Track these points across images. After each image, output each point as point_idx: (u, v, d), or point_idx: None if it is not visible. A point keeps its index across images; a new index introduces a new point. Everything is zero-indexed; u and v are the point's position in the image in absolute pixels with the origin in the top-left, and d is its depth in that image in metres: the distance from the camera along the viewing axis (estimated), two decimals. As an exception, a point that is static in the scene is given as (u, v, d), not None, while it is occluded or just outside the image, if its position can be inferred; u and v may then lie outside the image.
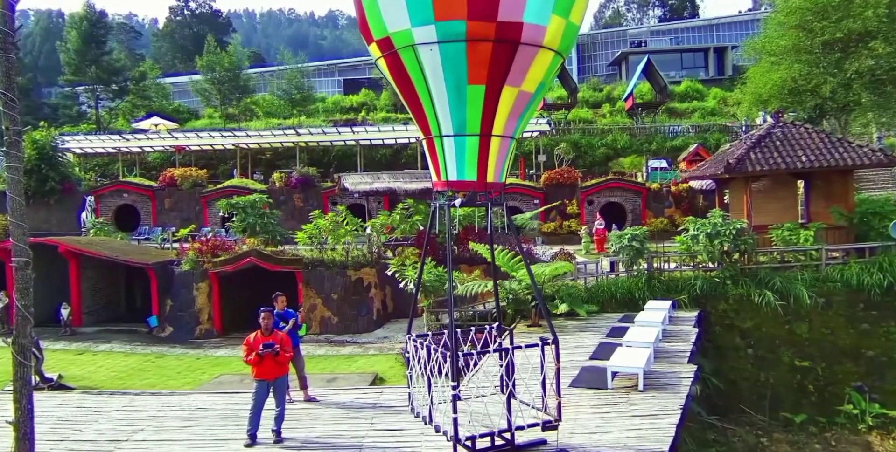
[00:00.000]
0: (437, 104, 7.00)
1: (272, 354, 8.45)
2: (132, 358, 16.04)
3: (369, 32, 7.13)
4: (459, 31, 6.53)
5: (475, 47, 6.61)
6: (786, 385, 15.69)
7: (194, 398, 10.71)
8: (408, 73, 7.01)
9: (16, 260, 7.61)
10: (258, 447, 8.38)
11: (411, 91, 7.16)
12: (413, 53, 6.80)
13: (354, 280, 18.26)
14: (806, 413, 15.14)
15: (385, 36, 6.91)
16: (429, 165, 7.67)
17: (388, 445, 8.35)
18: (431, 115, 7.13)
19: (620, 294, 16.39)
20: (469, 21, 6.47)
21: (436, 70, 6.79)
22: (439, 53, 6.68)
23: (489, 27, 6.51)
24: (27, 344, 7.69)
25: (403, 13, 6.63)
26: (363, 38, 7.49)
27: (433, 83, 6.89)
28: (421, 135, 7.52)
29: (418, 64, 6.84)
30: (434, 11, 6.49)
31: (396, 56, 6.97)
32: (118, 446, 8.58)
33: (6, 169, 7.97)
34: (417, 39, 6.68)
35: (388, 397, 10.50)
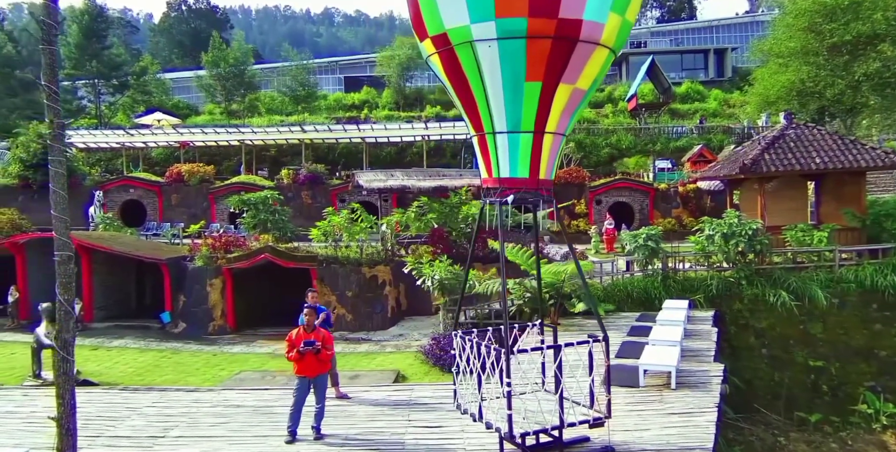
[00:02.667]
0: (492, 101, 7.00)
1: (313, 351, 8.43)
2: (147, 354, 15.91)
3: (424, 29, 7.12)
4: (520, 27, 6.53)
5: (534, 44, 6.62)
6: (800, 385, 15.85)
7: (223, 394, 10.67)
8: (463, 69, 7.01)
9: (58, 255, 7.54)
10: (299, 444, 8.37)
11: (465, 88, 7.16)
12: (470, 50, 6.80)
13: (369, 277, 18.22)
14: (820, 412, 15.30)
15: (441, 32, 6.91)
16: (478, 162, 7.67)
17: (430, 442, 8.37)
18: (485, 112, 7.13)
19: (637, 293, 16.51)
20: (530, 18, 6.48)
21: (493, 67, 6.80)
22: (498, 50, 6.69)
23: (549, 24, 6.53)
24: (70, 339, 7.63)
25: (462, 10, 6.63)
26: (415, 34, 7.48)
27: (489, 80, 6.89)
28: (472, 132, 7.52)
29: (475, 60, 6.85)
30: (495, 8, 6.50)
31: (452, 52, 6.97)
32: (156, 442, 8.53)
33: (50, 162, 7.91)
34: (476, 36, 6.68)
35: (419, 394, 10.52)
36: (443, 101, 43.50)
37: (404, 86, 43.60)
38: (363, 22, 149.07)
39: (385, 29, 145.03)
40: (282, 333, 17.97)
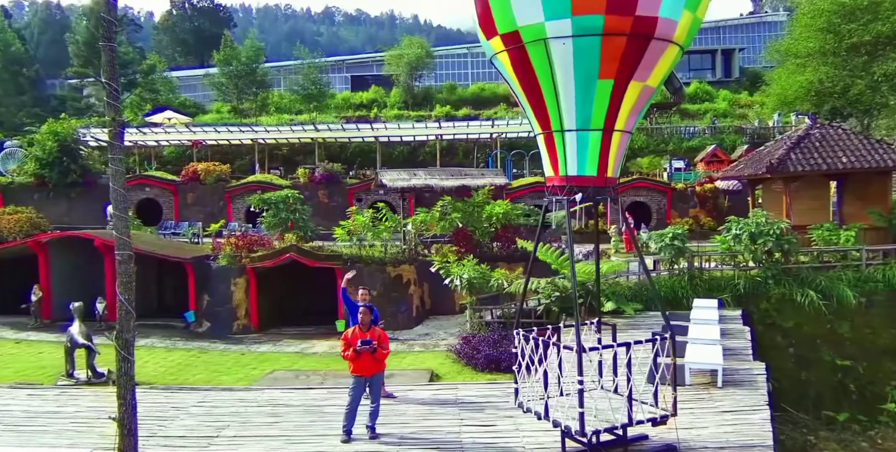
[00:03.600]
0: (563, 99, 6.99)
1: (370, 350, 8.40)
2: (175, 353, 15.85)
3: (493, 27, 7.10)
4: (596, 25, 6.52)
5: (609, 41, 6.61)
6: (827, 384, 15.87)
7: (268, 393, 10.64)
8: (532, 67, 6.99)
9: (119, 254, 7.49)
10: (357, 442, 8.35)
11: (533, 86, 7.14)
12: (542, 48, 6.78)
13: (393, 276, 18.18)
14: (848, 411, 15.33)
15: (513, 30, 6.88)
16: (543, 160, 7.65)
17: (487, 441, 8.35)
18: (554, 110, 7.11)
19: (664, 292, 16.51)
20: (607, 15, 6.47)
21: (566, 64, 6.78)
22: (572, 47, 6.67)
23: (626, 21, 6.52)
24: (131, 339, 7.60)
25: (537, 8, 6.61)
26: (481, 33, 7.44)
27: (561, 77, 6.87)
28: (537, 131, 7.50)
29: (547, 58, 6.83)
30: (571, 6, 6.48)
31: (522, 50, 6.95)
32: (212, 442, 8.50)
33: (110, 160, 7.86)
34: (550, 33, 6.66)
35: (464, 393, 10.51)
36: (452, 101, 43.50)
37: (413, 86, 43.55)
38: (364, 21, 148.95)
39: (386, 28, 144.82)
40: (305, 332, 18.16)
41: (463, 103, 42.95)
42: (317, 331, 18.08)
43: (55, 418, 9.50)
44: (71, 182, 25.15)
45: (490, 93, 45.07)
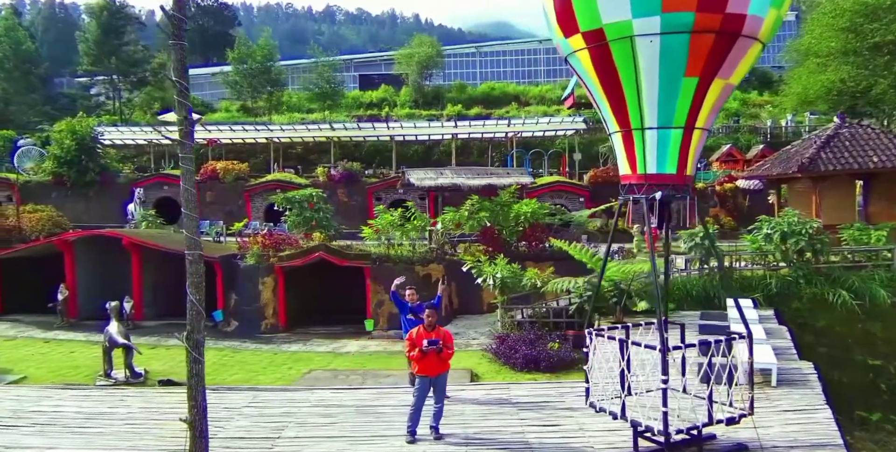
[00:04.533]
0: (645, 96, 6.93)
1: (436, 351, 8.32)
2: (207, 352, 15.39)
3: (574, 25, 7.03)
4: (686, 22, 6.46)
5: (698, 39, 6.56)
6: (858, 384, 15.85)
7: (318, 394, 10.56)
8: (615, 65, 6.93)
9: (189, 254, 7.42)
10: (422, 444, 8.27)
11: (614, 84, 7.07)
12: (627, 45, 6.72)
13: (422, 276, 18.11)
14: (880, 411, 15.33)
15: (596, 28, 6.82)
16: (618, 159, 7.59)
17: (554, 441, 8.29)
18: (634, 108, 7.05)
19: (695, 292, 16.48)
20: (697, 12, 6.42)
21: (651, 62, 6.72)
22: (659, 45, 6.61)
23: (715, 19, 6.47)
24: (201, 339, 7.52)
25: (624, 5, 6.55)
26: (558, 31, 7.35)
27: (645, 75, 6.81)
28: (614, 129, 7.44)
29: (631, 56, 6.76)
30: (661, 3, 6.43)
31: (605, 48, 6.88)
32: (275, 443, 8.42)
33: (181, 159, 7.79)
34: (637, 31, 6.60)
35: (516, 392, 10.46)
36: (462, 100, 43.41)
37: (423, 85, 43.47)
38: (365, 20, 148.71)
39: (387, 27, 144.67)
40: (333, 332, 18.08)
41: (473, 102, 42.88)
42: (345, 331, 18.00)
43: (109, 419, 9.40)
44: (89, 180, 25.00)
45: (500, 92, 45.03)
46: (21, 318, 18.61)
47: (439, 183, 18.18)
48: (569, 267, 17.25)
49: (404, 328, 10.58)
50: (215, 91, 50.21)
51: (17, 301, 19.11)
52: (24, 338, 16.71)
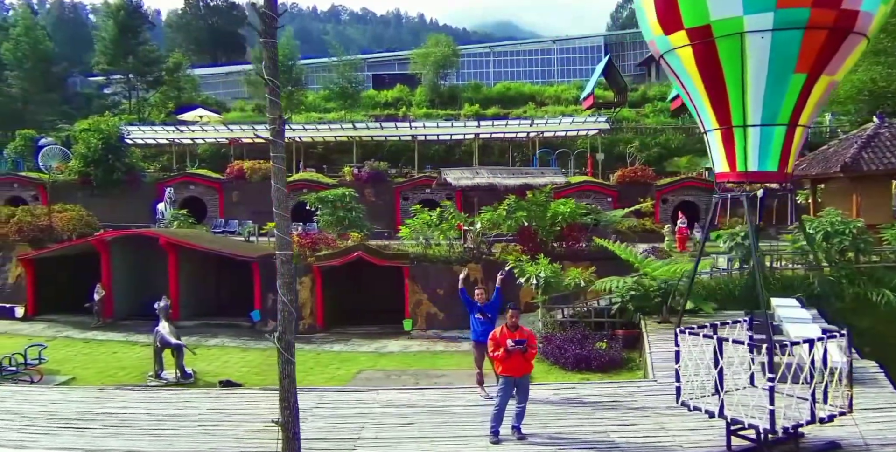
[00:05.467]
0: (751, 94, 6.87)
1: (521, 351, 8.23)
2: (250, 352, 15.69)
3: (677, 22, 6.96)
4: (800, 18, 6.40)
5: (811, 35, 6.50)
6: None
7: (384, 394, 10.46)
8: (720, 62, 6.87)
9: (280, 254, 7.34)
10: (507, 443, 8.18)
11: (717, 81, 7.01)
12: (736, 41, 6.66)
13: (460, 275, 18.01)
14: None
15: (703, 24, 6.76)
16: (714, 157, 7.52)
17: (638, 440, 8.19)
18: (737, 105, 6.99)
19: (737, 292, 16.39)
20: (813, 8, 6.36)
21: (761, 58, 6.66)
22: (770, 41, 6.55)
23: (830, 15, 6.41)
24: (292, 340, 7.43)
25: (736, 1, 6.48)
26: (657, 28, 7.29)
27: (753, 72, 6.75)
28: (711, 126, 7.36)
29: (739, 52, 6.70)
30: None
31: (710, 45, 6.82)
32: (356, 444, 8.32)
33: (272, 159, 7.70)
34: (748, 27, 6.54)
35: (585, 392, 10.35)
36: (478, 100, 43.33)
37: (439, 85, 43.38)
38: (370, 20, 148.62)
39: (392, 27, 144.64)
40: (371, 332, 18.00)
41: (489, 102, 42.79)
42: (382, 331, 17.94)
43: (182, 421, 9.27)
44: (115, 180, 24.90)
45: (515, 92, 44.95)
46: (56, 318, 18.56)
47: (476, 182, 18.10)
48: (606, 266, 17.16)
49: (473, 327, 10.49)
50: (229, 90, 50.11)
51: (51, 301, 19.02)
52: (62, 339, 16.64)
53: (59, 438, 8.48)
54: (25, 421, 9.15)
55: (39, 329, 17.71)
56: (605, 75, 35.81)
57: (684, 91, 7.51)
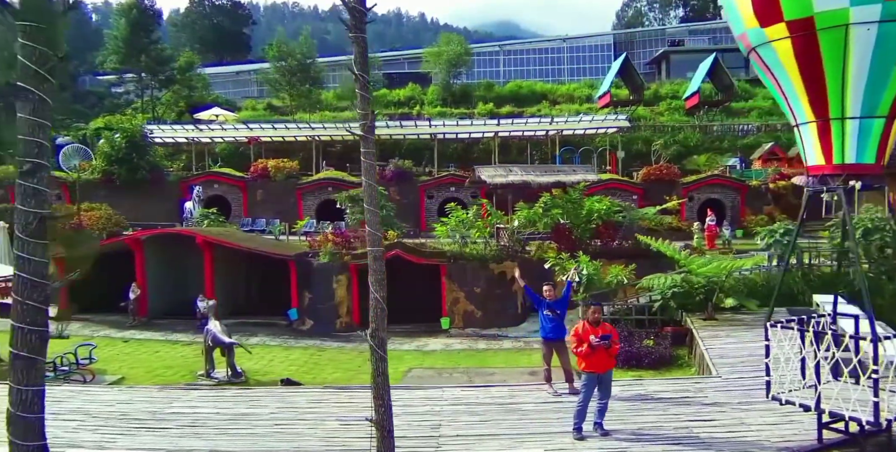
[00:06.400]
0: (852, 86, 6.84)
1: (605, 347, 8.19)
2: (294, 351, 15.63)
3: (775, 14, 6.92)
4: (910, 10, 6.36)
5: (918, 27, 6.46)
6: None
7: (450, 392, 10.42)
8: (821, 54, 6.83)
9: (372, 251, 7.29)
10: (591, 440, 8.15)
11: (815, 73, 6.98)
12: (840, 33, 6.62)
13: (497, 273, 18.01)
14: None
15: (805, 16, 6.72)
16: (807, 149, 7.49)
17: (722, 435, 8.15)
18: (836, 98, 6.96)
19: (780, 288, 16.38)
20: (924, 0, 6.32)
21: (864, 50, 6.63)
22: (876, 33, 6.51)
23: (939, 7, 6.37)
24: (385, 337, 7.38)
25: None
26: (752, 21, 7.24)
27: (856, 64, 6.71)
28: (804, 119, 7.33)
29: (842, 44, 6.67)
30: (886, -10, 6.33)
31: (811, 37, 6.78)
32: (439, 442, 8.28)
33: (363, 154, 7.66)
34: (854, 19, 6.50)
35: (653, 388, 10.31)
36: (490, 98, 43.25)
37: (452, 83, 43.33)
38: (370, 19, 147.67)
39: (393, 26, 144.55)
40: (408, 330, 17.95)
41: (502, 101, 42.73)
42: (419, 329, 17.89)
43: (256, 420, 9.18)
44: (139, 178, 24.81)
45: (528, 90, 44.90)
46: (90, 318, 18.46)
47: (510, 180, 18.09)
48: (643, 264, 17.17)
49: (541, 325, 10.43)
50: (238, 90, 50.00)
51: (83, 300, 18.90)
52: (101, 338, 16.54)
53: (139, 438, 8.41)
54: (98, 422, 9.08)
55: (75, 328, 17.59)
56: (620, 73, 35.94)
57: (775, 84, 7.46)
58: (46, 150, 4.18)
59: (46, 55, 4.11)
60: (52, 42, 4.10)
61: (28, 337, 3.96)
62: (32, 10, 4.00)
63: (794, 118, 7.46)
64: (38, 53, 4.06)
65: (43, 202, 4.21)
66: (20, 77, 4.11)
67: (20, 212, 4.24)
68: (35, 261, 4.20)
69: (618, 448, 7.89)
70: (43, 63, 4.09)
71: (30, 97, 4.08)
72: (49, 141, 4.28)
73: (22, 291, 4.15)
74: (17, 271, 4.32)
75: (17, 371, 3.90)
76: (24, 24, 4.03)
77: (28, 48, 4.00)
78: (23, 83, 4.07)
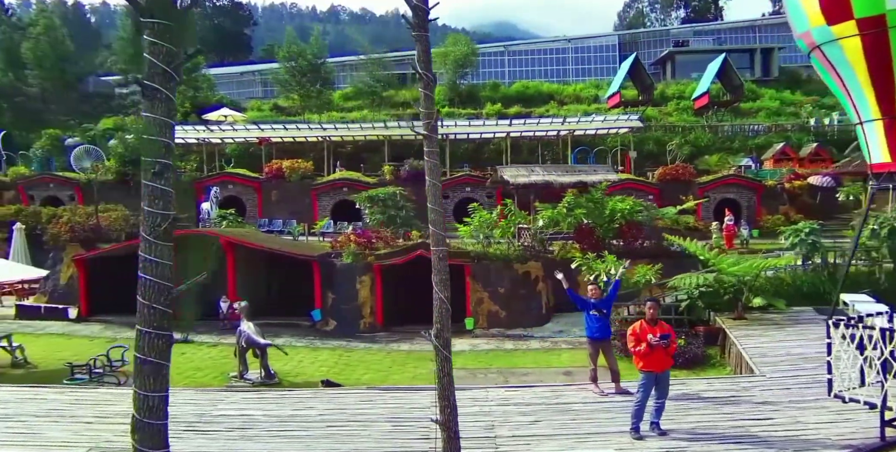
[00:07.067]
0: (925, 83, 6.81)
1: (663, 346, 8.15)
2: (321, 352, 15.53)
3: (844, 12, 6.89)
4: None
5: None
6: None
7: (494, 392, 10.40)
8: (890, 51, 6.81)
9: (436, 250, 7.23)
10: (650, 439, 8.10)
11: (885, 70, 6.95)
12: (913, 31, 6.60)
13: (521, 273, 17.96)
14: None
15: (877, 14, 6.69)
16: (871, 147, 7.46)
17: (780, 433, 8.14)
18: (906, 95, 6.93)
19: (805, 288, 16.41)
20: None
21: (939, 48, 6.60)
22: (950, 30, 6.49)
23: None
24: (449, 337, 7.31)
25: (918, -11, 6.43)
26: (819, 19, 7.21)
27: (930, 61, 6.69)
28: (872, 117, 7.31)
29: (915, 42, 6.64)
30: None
31: (882, 34, 6.76)
32: (496, 442, 8.23)
33: (426, 153, 7.61)
34: (928, 16, 6.48)
35: (696, 388, 10.29)
36: (497, 99, 43.21)
37: (458, 84, 43.30)
38: (369, 20, 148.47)
39: (391, 27, 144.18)
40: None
41: (509, 101, 42.70)
42: (443, 330, 17.79)
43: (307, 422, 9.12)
44: (154, 180, 24.50)
45: (534, 91, 44.88)
46: (110, 319, 18.27)
47: (533, 180, 18.06)
48: (664, 263, 17.14)
49: (587, 324, 10.38)
50: (243, 90, 49.82)
51: (102, 302, 18.75)
52: (124, 340, 16.31)
53: (192, 441, 8.30)
54: (146, 423, 8.97)
55: (97, 330, 17.47)
56: (630, 74, 36.00)
57: (838, 82, 7.43)
58: (172, 150, 4.10)
59: (172, 52, 4.02)
60: (180, 39, 4.02)
61: (155, 341, 3.87)
62: (158, 7, 3.91)
63: (858, 116, 7.43)
64: (165, 51, 3.97)
65: (170, 203, 4.13)
66: (146, 75, 4.02)
67: (148, 214, 4.16)
68: (162, 264, 4.13)
69: (678, 448, 7.86)
70: (169, 61, 4.01)
71: (158, 96, 3.99)
72: (172, 139, 4.21)
73: (148, 295, 4.08)
74: (142, 273, 4.24)
75: (145, 376, 3.81)
76: (150, 21, 3.93)
77: (155, 45, 3.91)
78: (149, 81, 3.98)
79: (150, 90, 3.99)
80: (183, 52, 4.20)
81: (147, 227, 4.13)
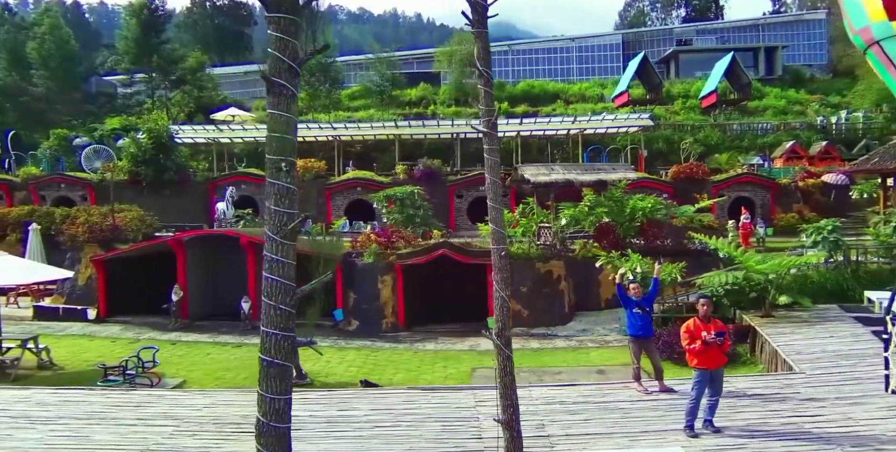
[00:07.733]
0: None
1: (718, 343, 8.11)
2: (348, 352, 15.44)
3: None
4: None
5: None
6: None
7: (538, 391, 10.32)
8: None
9: (496, 249, 7.20)
10: (705, 437, 8.07)
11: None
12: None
13: (543, 272, 17.92)
14: None
15: (943, 9, 6.67)
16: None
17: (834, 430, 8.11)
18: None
19: (829, 286, 16.42)
20: None
21: None
22: None
23: None
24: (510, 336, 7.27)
25: None
26: (878, 15, 7.20)
27: None
28: None
29: None
30: None
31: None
32: (551, 441, 8.17)
33: (486, 151, 7.59)
34: None
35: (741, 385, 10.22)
36: (502, 98, 43.12)
37: (464, 83, 43.26)
38: (367, 19, 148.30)
39: (389, 26, 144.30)
40: (455, 330, 17.81)
41: (515, 100, 42.69)
42: (465, 329, 17.72)
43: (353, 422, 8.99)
44: (167, 179, 24.50)
45: (540, 90, 44.90)
46: (130, 320, 18.17)
47: (553, 178, 18.03)
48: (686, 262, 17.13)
49: (630, 322, 10.35)
50: (246, 90, 49.60)
51: (121, 302, 18.63)
52: (147, 340, 16.24)
53: (247, 443, 8.20)
54: (192, 427, 8.89)
55: (117, 331, 17.33)
56: (638, 73, 36.00)
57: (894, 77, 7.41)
58: (295, 148, 4.02)
59: (297, 48, 3.94)
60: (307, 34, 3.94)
61: (281, 343, 3.79)
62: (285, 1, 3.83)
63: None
64: (291, 46, 3.89)
65: (295, 202, 4.05)
66: (271, 71, 3.94)
67: (273, 213, 4.08)
68: (287, 264, 4.05)
69: (737, 445, 7.82)
70: (295, 56, 3.92)
71: (284, 92, 3.91)
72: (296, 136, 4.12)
73: (273, 295, 4.00)
74: (267, 274, 4.17)
75: (271, 378, 3.73)
76: (276, 15, 3.85)
77: (281, 41, 3.83)
78: (276, 77, 3.90)
79: (277, 86, 3.91)
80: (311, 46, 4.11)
81: (273, 227, 4.05)
